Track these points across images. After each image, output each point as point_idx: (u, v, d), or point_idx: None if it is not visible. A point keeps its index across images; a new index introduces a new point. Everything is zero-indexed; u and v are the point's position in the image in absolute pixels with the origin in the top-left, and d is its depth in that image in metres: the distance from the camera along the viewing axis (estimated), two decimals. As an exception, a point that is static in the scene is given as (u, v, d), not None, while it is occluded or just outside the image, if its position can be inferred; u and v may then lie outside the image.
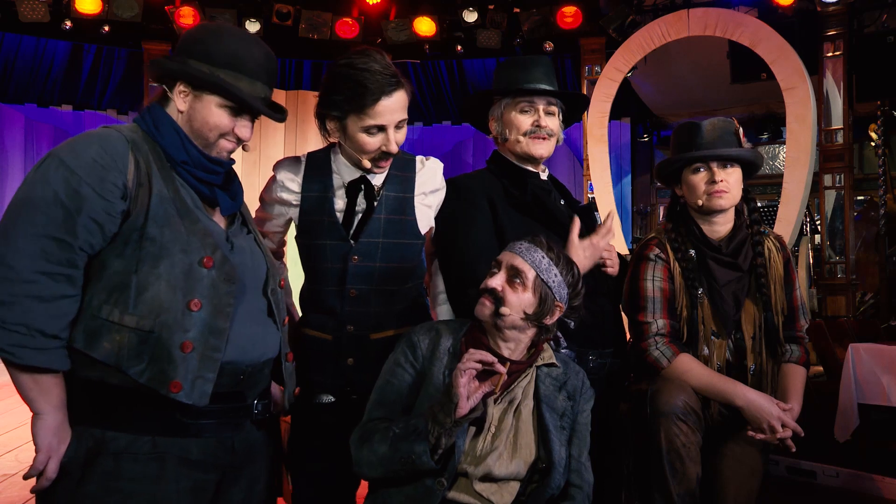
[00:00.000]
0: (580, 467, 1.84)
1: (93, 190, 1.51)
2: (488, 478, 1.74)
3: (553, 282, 1.82)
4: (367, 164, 2.00)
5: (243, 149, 1.74)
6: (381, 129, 1.95)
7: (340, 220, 2.03)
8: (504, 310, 1.79)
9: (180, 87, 1.65)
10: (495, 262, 1.85)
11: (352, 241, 2.01)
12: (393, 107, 1.94)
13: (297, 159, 2.12)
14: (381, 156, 1.99)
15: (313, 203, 2.05)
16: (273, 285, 1.76)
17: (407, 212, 2.07)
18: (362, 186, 2.04)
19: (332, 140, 2.06)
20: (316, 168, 2.08)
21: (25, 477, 1.51)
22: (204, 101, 1.64)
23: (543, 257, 1.81)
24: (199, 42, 1.66)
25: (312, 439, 2.03)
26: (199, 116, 1.65)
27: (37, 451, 1.50)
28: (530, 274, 1.80)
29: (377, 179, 2.07)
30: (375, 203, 2.03)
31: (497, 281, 1.80)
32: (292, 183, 2.07)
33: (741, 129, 2.33)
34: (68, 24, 7.16)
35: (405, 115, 1.99)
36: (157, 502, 1.52)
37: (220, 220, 1.71)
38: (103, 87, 8.77)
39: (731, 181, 2.28)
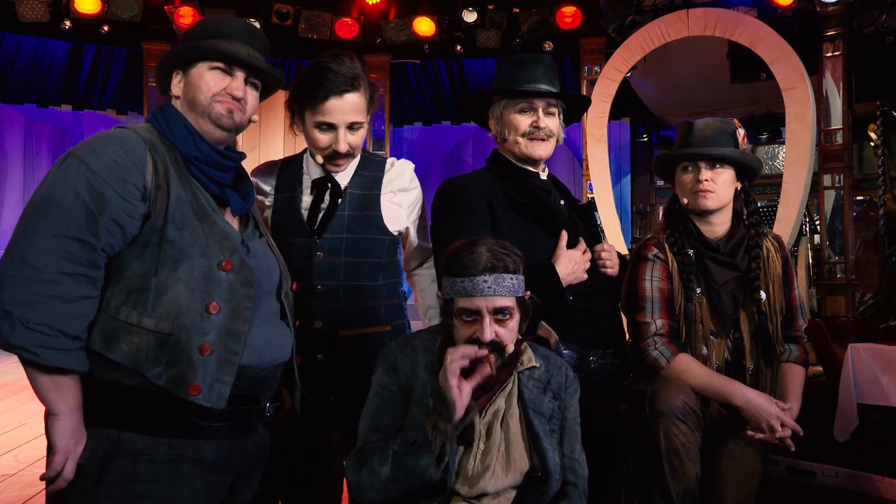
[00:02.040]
0: (573, 464, 1.82)
1: (114, 191, 1.52)
2: (484, 495, 1.72)
3: (522, 287, 1.75)
4: (320, 160, 2.06)
5: (251, 120, 1.75)
6: (331, 127, 2.01)
7: (306, 217, 2.07)
8: (508, 349, 1.73)
9: (176, 77, 1.70)
10: (465, 311, 1.69)
11: (315, 238, 2.04)
12: (342, 108, 1.99)
13: (273, 163, 2.19)
14: (332, 154, 2.03)
15: (283, 202, 2.10)
16: (286, 288, 1.78)
17: (371, 207, 2.10)
18: (328, 185, 2.08)
19: (298, 132, 2.10)
20: (289, 170, 2.15)
21: (43, 478, 1.51)
22: (193, 74, 1.68)
23: (511, 277, 1.72)
24: (187, 33, 1.74)
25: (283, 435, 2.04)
26: (191, 88, 1.68)
27: (54, 453, 1.50)
28: (511, 302, 1.72)
29: (343, 178, 2.11)
30: (340, 200, 2.07)
31: (489, 332, 1.68)
32: (266, 185, 2.13)
33: (741, 131, 2.32)
34: (68, 23, 7.16)
35: (360, 119, 2.03)
36: None
37: (233, 222, 1.72)
38: (103, 87, 8.77)
39: (717, 181, 2.27)
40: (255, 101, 1.75)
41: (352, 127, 2.03)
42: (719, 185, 2.27)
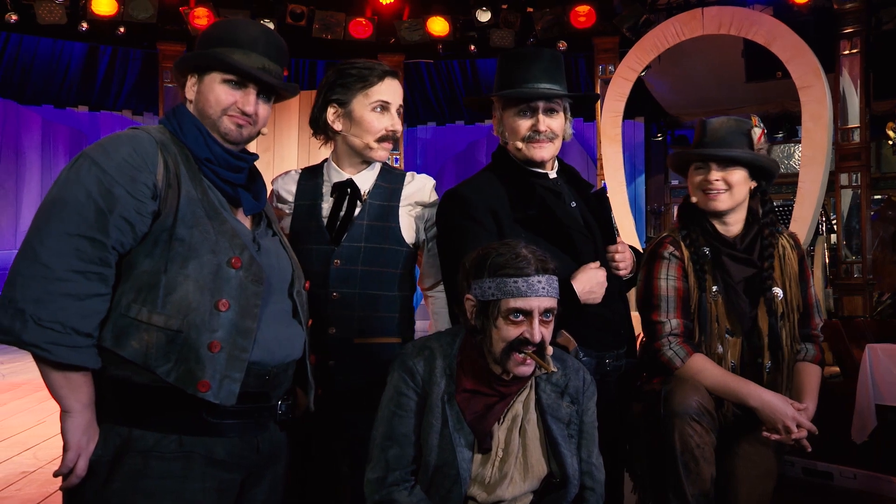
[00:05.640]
0: (591, 468, 1.81)
1: (125, 190, 1.53)
2: (500, 502, 1.72)
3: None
4: (374, 145, 2.09)
5: (260, 132, 1.75)
6: (386, 107, 2.08)
7: (325, 224, 2.09)
8: (548, 352, 1.74)
9: (191, 80, 1.71)
10: (517, 311, 1.69)
11: (334, 245, 2.06)
12: (396, 87, 2.11)
13: (293, 172, 2.22)
14: (386, 136, 2.09)
15: (304, 210, 2.12)
16: (298, 287, 1.78)
17: (390, 219, 2.11)
18: (349, 190, 2.10)
19: (335, 128, 2.11)
20: (309, 179, 2.17)
21: (56, 475, 1.53)
22: (206, 82, 1.68)
23: (556, 279, 1.75)
24: (205, 34, 1.74)
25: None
26: (202, 97, 1.69)
27: (66, 449, 1.51)
28: (555, 304, 1.75)
29: (364, 184, 2.12)
30: (359, 205, 2.09)
31: (538, 333, 1.69)
32: (287, 194, 2.16)
33: (758, 129, 2.30)
34: (85, 25, 7.23)
35: (402, 104, 2.14)
36: (184, 501, 1.53)
37: (245, 220, 1.73)
38: (119, 88, 8.85)
39: (731, 180, 2.25)
40: (267, 113, 1.75)
41: (398, 111, 2.13)
42: (732, 185, 2.25)
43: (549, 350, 1.74)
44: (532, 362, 1.71)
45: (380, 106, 2.06)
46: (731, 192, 2.25)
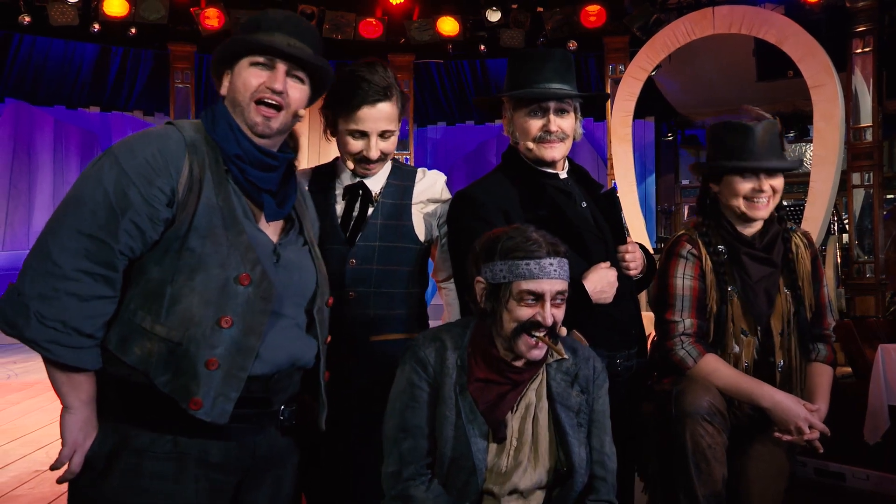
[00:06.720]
0: (602, 458, 1.80)
1: (139, 193, 1.51)
2: (515, 492, 1.72)
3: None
4: (351, 164, 2.10)
5: (297, 116, 1.69)
6: (363, 134, 2.05)
7: (339, 224, 2.10)
8: (561, 332, 1.74)
9: (226, 79, 1.67)
10: (529, 293, 1.69)
11: (349, 245, 2.07)
12: (375, 116, 2.04)
13: (305, 171, 2.22)
14: (361, 159, 2.08)
15: (318, 210, 2.10)
16: (320, 303, 1.73)
17: (403, 217, 2.12)
18: (360, 192, 2.11)
19: (330, 138, 2.14)
20: (321, 178, 2.18)
21: (51, 468, 1.54)
22: (236, 71, 1.64)
23: (567, 262, 1.75)
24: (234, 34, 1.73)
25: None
26: (233, 87, 1.64)
27: (63, 445, 1.52)
28: (567, 287, 1.75)
29: (375, 185, 2.13)
30: (371, 207, 2.10)
31: (550, 315, 1.70)
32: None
33: (783, 129, 2.29)
34: (96, 26, 7.28)
35: (391, 127, 2.08)
36: (177, 501, 1.53)
37: (270, 228, 1.68)
38: (130, 89, 8.89)
39: (777, 187, 2.24)
40: (301, 95, 1.68)
41: (383, 135, 2.07)
42: (776, 193, 2.24)
43: (563, 331, 1.74)
44: (543, 346, 1.71)
45: (356, 132, 2.05)
46: (773, 199, 2.25)
